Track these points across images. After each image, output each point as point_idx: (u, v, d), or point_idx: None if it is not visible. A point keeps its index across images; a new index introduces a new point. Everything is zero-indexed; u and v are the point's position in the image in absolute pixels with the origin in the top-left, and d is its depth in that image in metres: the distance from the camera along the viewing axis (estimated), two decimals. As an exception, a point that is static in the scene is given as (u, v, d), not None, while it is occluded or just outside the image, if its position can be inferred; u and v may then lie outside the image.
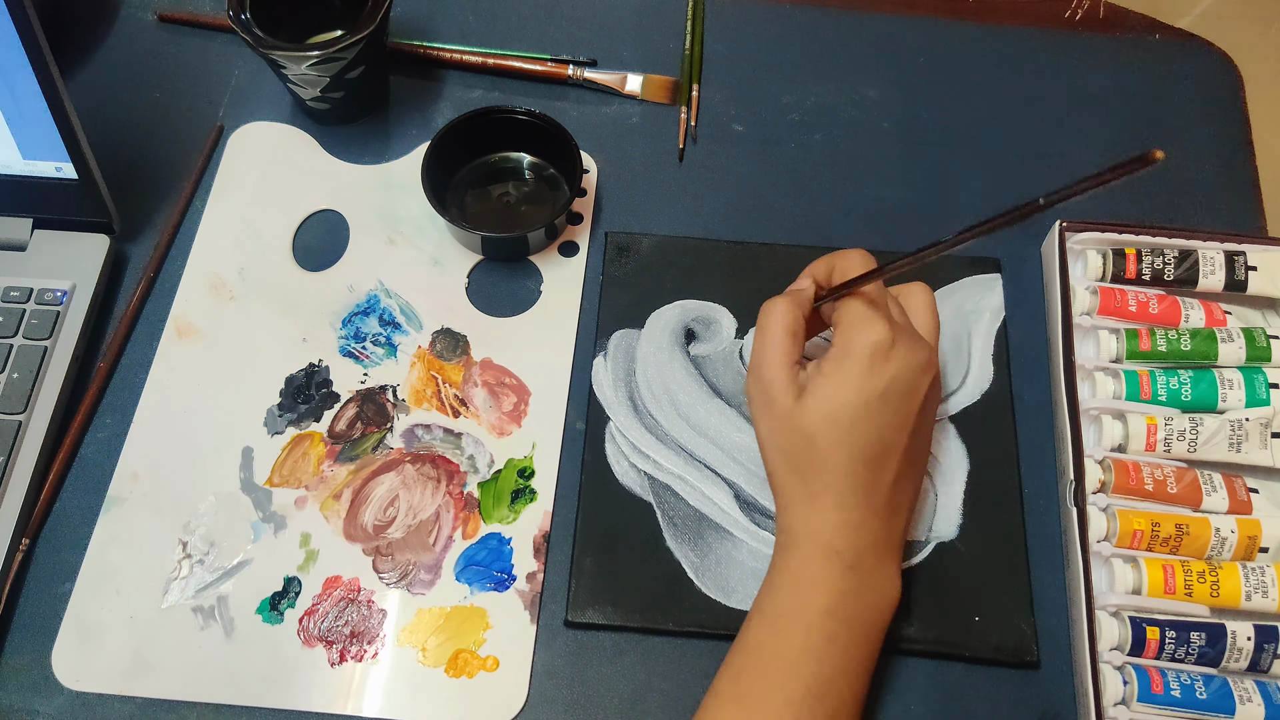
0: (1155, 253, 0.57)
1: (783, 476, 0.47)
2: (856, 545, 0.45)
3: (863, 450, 0.45)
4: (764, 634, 0.45)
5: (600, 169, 0.64)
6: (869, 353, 0.44)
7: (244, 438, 0.55)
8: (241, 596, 0.52)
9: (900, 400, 0.45)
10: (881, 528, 0.46)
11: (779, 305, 0.48)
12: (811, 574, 0.45)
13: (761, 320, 0.48)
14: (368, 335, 0.58)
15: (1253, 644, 0.48)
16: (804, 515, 0.46)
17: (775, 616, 0.45)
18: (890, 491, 0.46)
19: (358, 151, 0.65)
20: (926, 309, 0.49)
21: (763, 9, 0.71)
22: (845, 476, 0.45)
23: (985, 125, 0.66)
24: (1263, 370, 0.54)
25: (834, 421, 0.44)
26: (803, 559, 0.45)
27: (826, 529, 0.45)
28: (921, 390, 0.46)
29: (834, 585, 0.45)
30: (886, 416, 0.45)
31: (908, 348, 0.45)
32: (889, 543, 0.47)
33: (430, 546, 0.53)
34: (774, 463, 0.47)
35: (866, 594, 0.45)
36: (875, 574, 0.46)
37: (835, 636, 0.44)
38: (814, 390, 0.45)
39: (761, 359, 0.47)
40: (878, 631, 0.46)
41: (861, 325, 0.45)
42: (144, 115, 0.65)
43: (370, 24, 0.58)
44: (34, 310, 0.57)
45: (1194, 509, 0.51)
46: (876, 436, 0.45)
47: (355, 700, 0.50)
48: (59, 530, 0.53)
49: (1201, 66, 0.69)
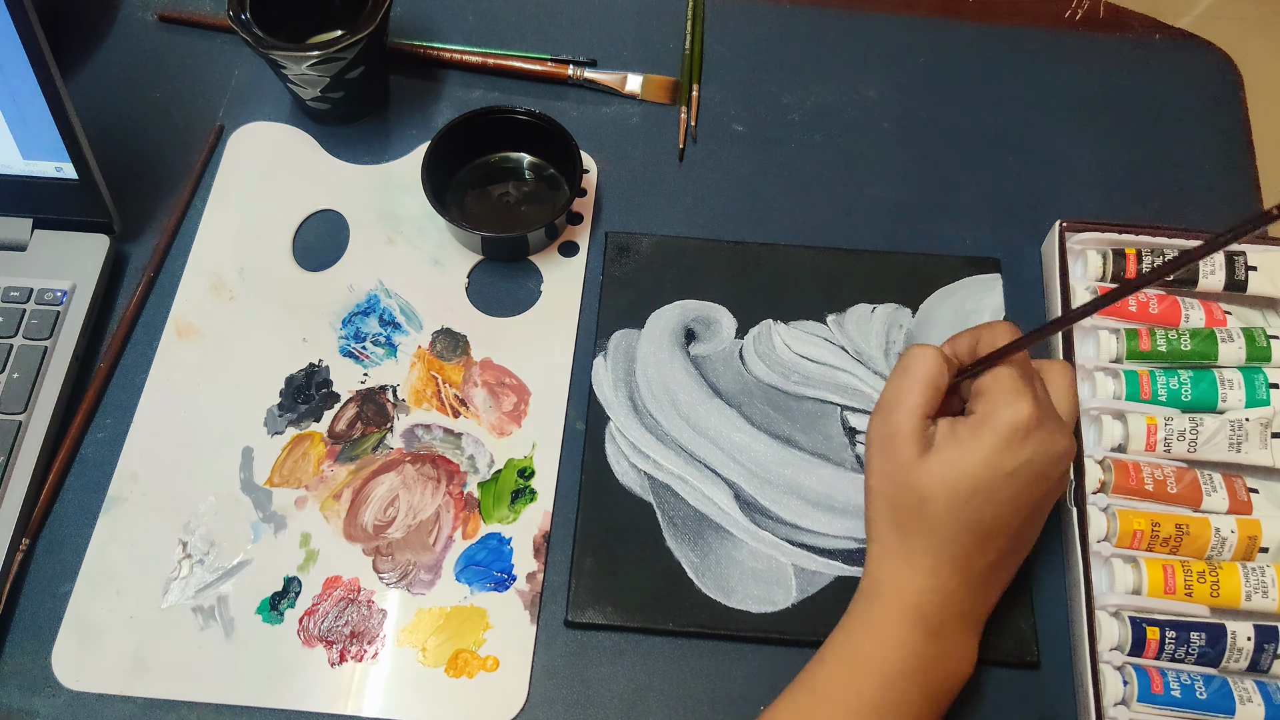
0: (1155, 253, 0.57)
1: (883, 526, 0.46)
2: (943, 613, 0.44)
3: (974, 525, 0.43)
4: (837, 681, 0.44)
5: (600, 169, 0.64)
6: (1009, 428, 0.43)
7: (244, 438, 0.55)
8: (241, 596, 0.52)
9: (1027, 483, 0.44)
10: (971, 600, 0.45)
11: (929, 353, 0.45)
12: (893, 631, 0.44)
13: (905, 362, 0.46)
14: (368, 335, 0.58)
15: (1253, 644, 0.48)
16: (895, 570, 0.45)
17: (852, 666, 0.44)
18: (990, 568, 0.45)
19: (358, 151, 0.65)
20: (1068, 390, 0.48)
21: (763, 9, 0.71)
22: (948, 544, 0.44)
23: (985, 125, 0.66)
24: (1263, 370, 0.54)
25: (953, 489, 0.43)
26: (886, 614, 0.44)
27: (916, 590, 0.44)
28: (1053, 478, 0.45)
29: (915, 649, 0.44)
30: (1007, 497, 0.43)
31: (1048, 432, 0.44)
32: (975, 616, 0.46)
33: (430, 546, 0.53)
34: (876, 508, 0.46)
35: (945, 662, 0.45)
36: (957, 644, 0.45)
37: (908, 700, 0.43)
38: (941, 451, 0.44)
39: (896, 401, 0.45)
40: (947, 700, 0.45)
41: (1007, 399, 0.43)
42: (144, 115, 0.65)
43: (370, 24, 0.58)
44: (34, 310, 0.57)
45: (1194, 509, 0.51)
46: (992, 515, 0.43)
47: (355, 700, 0.50)
48: (59, 530, 0.53)
49: (1201, 66, 0.69)
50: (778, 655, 0.51)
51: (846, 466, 0.55)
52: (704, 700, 0.50)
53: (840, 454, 0.55)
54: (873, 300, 0.59)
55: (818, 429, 0.56)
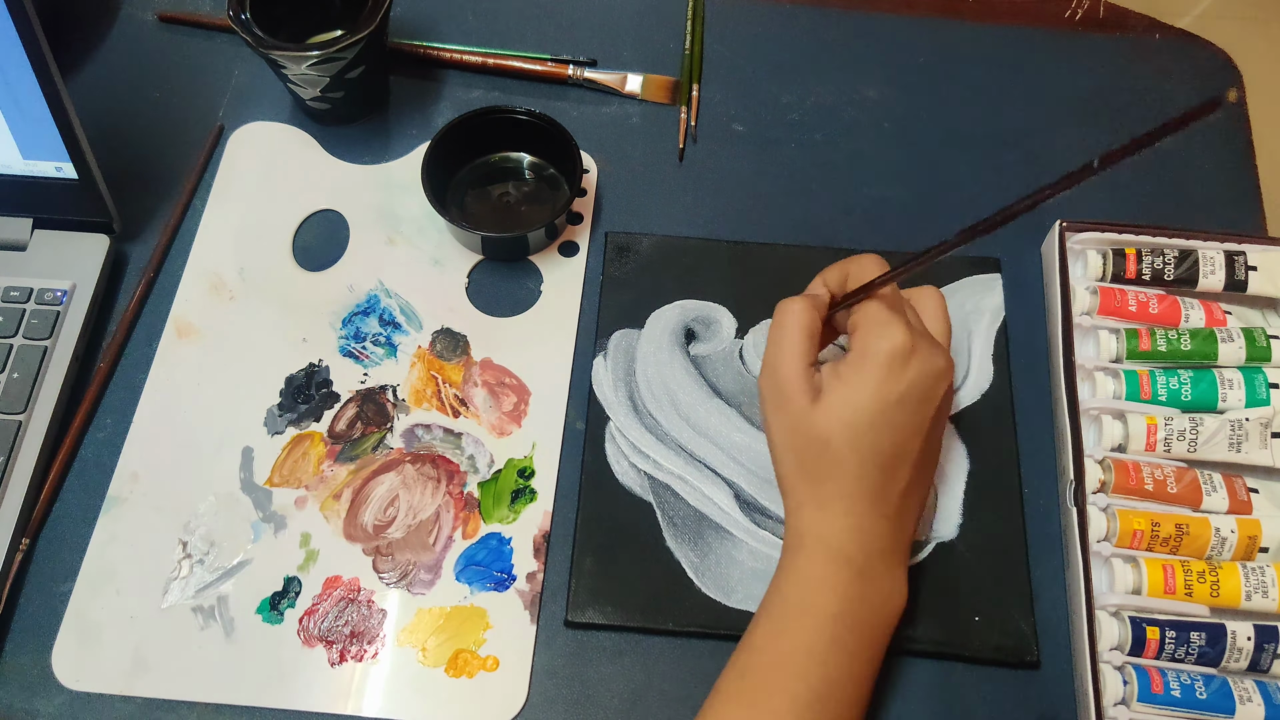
0: (1155, 253, 0.57)
1: (793, 478, 0.47)
2: (866, 550, 0.45)
3: (877, 456, 0.44)
4: (770, 634, 0.45)
5: (600, 169, 0.64)
6: (887, 358, 0.44)
7: (244, 438, 0.55)
8: (241, 596, 0.52)
9: (916, 406, 0.45)
10: (891, 533, 0.46)
11: (797, 305, 0.47)
12: (819, 577, 0.45)
13: (778, 318, 0.47)
14: (368, 335, 0.58)
15: (1253, 644, 0.48)
16: (813, 518, 0.46)
17: (782, 618, 0.45)
18: (901, 497, 0.46)
19: (358, 151, 0.65)
20: (939, 312, 0.49)
21: (763, 9, 0.71)
22: (857, 481, 0.45)
23: (985, 125, 0.66)
24: (1263, 370, 0.54)
25: (849, 425, 0.44)
26: (811, 561, 0.45)
27: (836, 533, 0.45)
28: (937, 397, 0.45)
29: (842, 590, 0.44)
30: (902, 422, 0.45)
31: (926, 354, 0.45)
32: (897, 548, 0.47)
33: (430, 546, 0.53)
34: (784, 463, 0.47)
35: (874, 599, 0.45)
36: (884, 579, 0.46)
37: (842, 640, 0.44)
38: (830, 393, 0.45)
39: (778, 358, 0.47)
40: (883, 637, 0.46)
41: (880, 330, 0.44)
42: (144, 115, 0.65)
43: (370, 24, 0.58)
44: (34, 310, 0.57)
45: (1194, 509, 0.51)
46: (891, 442, 0.44)
47: (355, 700, 0.50)
48: (59, 530, 0.53)
49: (1201, 66, 0.69)
50: (778, 655, 0.51)
51: (846, 466, 0.55)
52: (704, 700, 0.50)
53: (840, 454, 0.55)
54: (873, 300, 0.59)
55: (818, 429, 0.56)
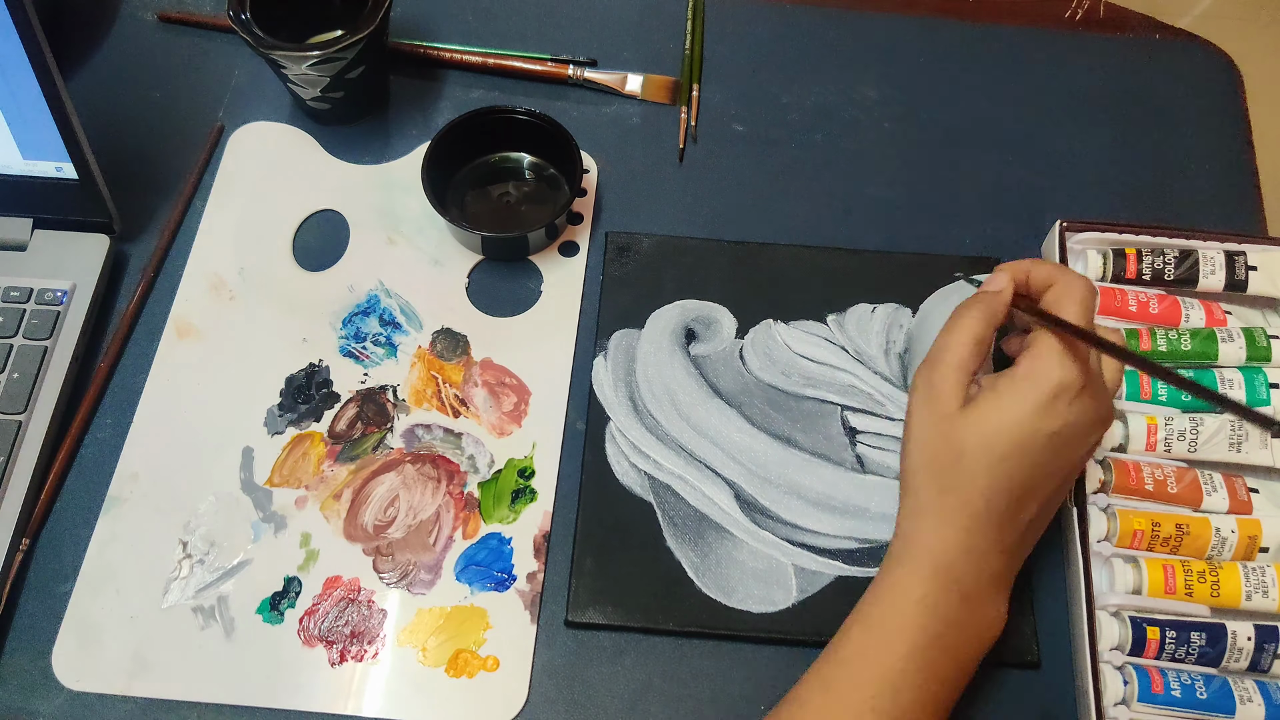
0: (1155, 253, 0.57)
1: (919, 480, 0.45)
2: (977, 576, 0.43)
3: (1009, 484, 0.42)
4: (862, 649, 0.43)
5: (600, 169, 0.64)
6: (1054, 390, 0.41)
7: (244, 438, 0.55)
8: (242, 596, 0.52)
9: (1064, 448, 0.43)
10: (1003, 564, 0.44)
11: (976, 310, 0.45)
12: (924, 595, 0.43)
13: (956, 316, 0.45)
14: (368, 335, 0.58)
15: (1253, 644, 0.48)
16: (929, 528, 0.44)
17: (881, 631, 0.43)
18: (1023, 532, 0.44)
19: (358, 151, 0.65)
20: (1114, 364, 0.46)
21: (763, 9, 0.71)
22: (984, 504, 0.43)
23: (985, 125, 0.66)
24: (1263, 370, 0.54)
25: (988, 447, 0.42)
26: (918, 577, 0.43)
27: (950, 551, 0.43)
28: (1088, 444, 0.44)
29: (945, 613, 0.43)
30: (1045, 459, 0.42)
31: (1092, 397, 0.42)
32: (1005, 579, 0.45)
33: (430, 546, 0.53)
34: (914, 461, 0.45)
35: (974, 627, 0.44)
36: (987, 607, 0.44)
37: (936, 665, 0.42)
38: (981, 406, 0.43)
39: (941, 355, 0.44)
40: (974, 665, 0.45)
41: (1057, 359, 0.42)
42: (144, 115, 0.65)
43: (370, 24, 0.58)
44: (34, 310, 0.57)
45: (1194, 509, 0.51)
46: (1028, 476, 0.42)
47: (355, 700, 0.50)
48: (59, 530, 0.53)
49: (1201, 66, 0.69)
50: (778, 655, 0.51)
51: (847, 466, 0.55)
52: (704, 700, 0.50)
53: (840, 454, 0.55)
54: (873, 300, 0.59)
55: (818, 429, 0.56)
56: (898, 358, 0.57)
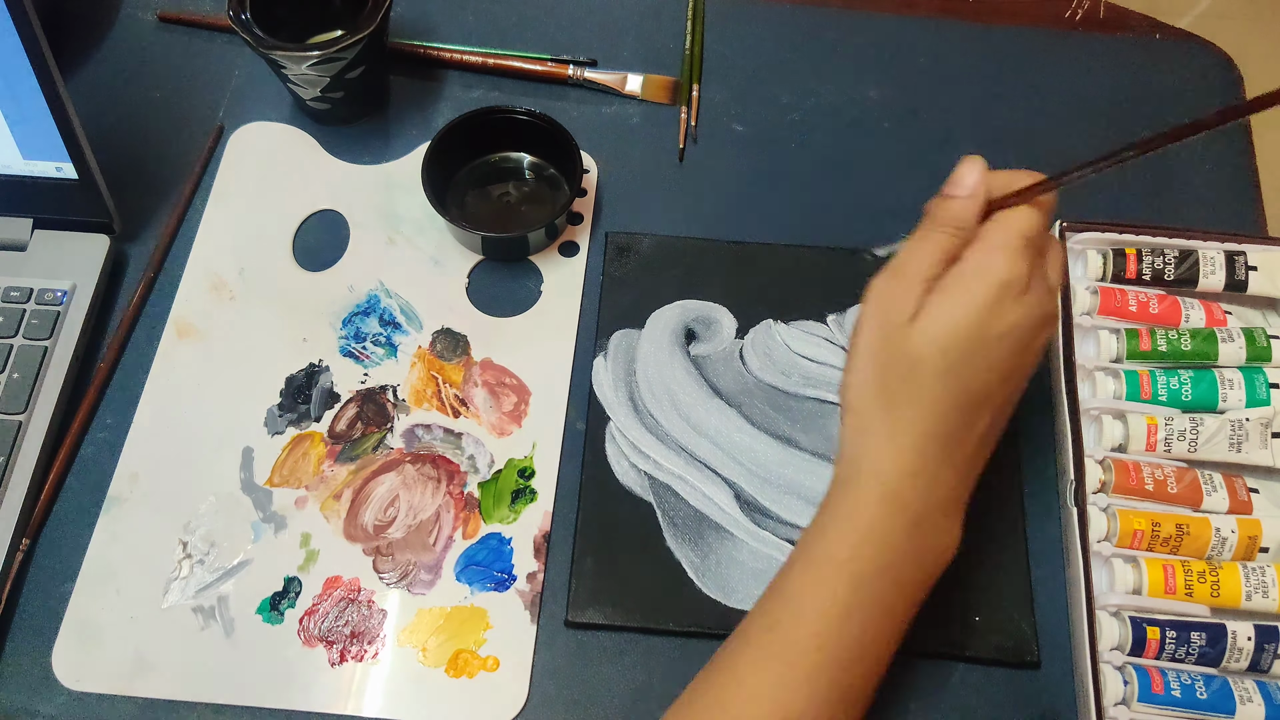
0: (1155, 253, 0.57)
1: (866, 396, 0.42)
2: (926, 499, 0.41)
3: (963, 390, 0.40)
4: (808, 583, 0.41)
5: (600, 169, 0.64)
6: (1000, 285, 0.39)
7: (244, 438, 0.55)
8: (242, 596, 0.52)
9: (1015, 349, 0.40)
10: (955, 483, 0.42)
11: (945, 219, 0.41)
12: (869, 523, 0.40)
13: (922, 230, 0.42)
14: (368, 335, 0.58)
15: (1253, 644, 0.48)
16: (877, 448, 0.41)
17: (823, 565, 0.41)
18: (975, 447, 0.42)
19: (358, 151, 0.65)
20: (1058, 262, 0.43)
21: (763, 9, 0.71)
22: (936, 417, 0.40)
23: (985, 125, 0.66)
24: (1263, 370, 0.54)
25: (944, 351, 0.39)
26: (863, 502, 0.41)
27: (897, 473, 0.41)
28: (1036, 347, 0.41)
29: (893, 541, 0.40)
30: (996, 362, 0.40)
31: (1040, 295, 0.40)
32: (958, 499, 0.42)
33: (430, 546, 0.53)
34: (860, 374, 0.42)
35: (925, 554, 0.41)
36: (939, 532, 0.42)
37: (885, 597, 0.40)
38: (930, 310, 0.40)
39: (904, 265, 0.41)
40: (925, 592, 0.42)
41: (1000, 252, 0.39)
42: (144, 115, 0.65)
43: (370, 24, 0.58)
44: (34, 310, 0.57)
45: (1194, 509, 0.51)
46: (981, 382, 0.40)
47: (355, 700, 0.50)
48: (59, 530, 0.53)
49: (1201, 66, 0.69)
50: (778, 655, 0.51)
51: (847, 466, 0.55)
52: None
53: (840, 454, 0.55)
54: (873, 300, 0.59)
55: (818, 429, 0.56)
56: None
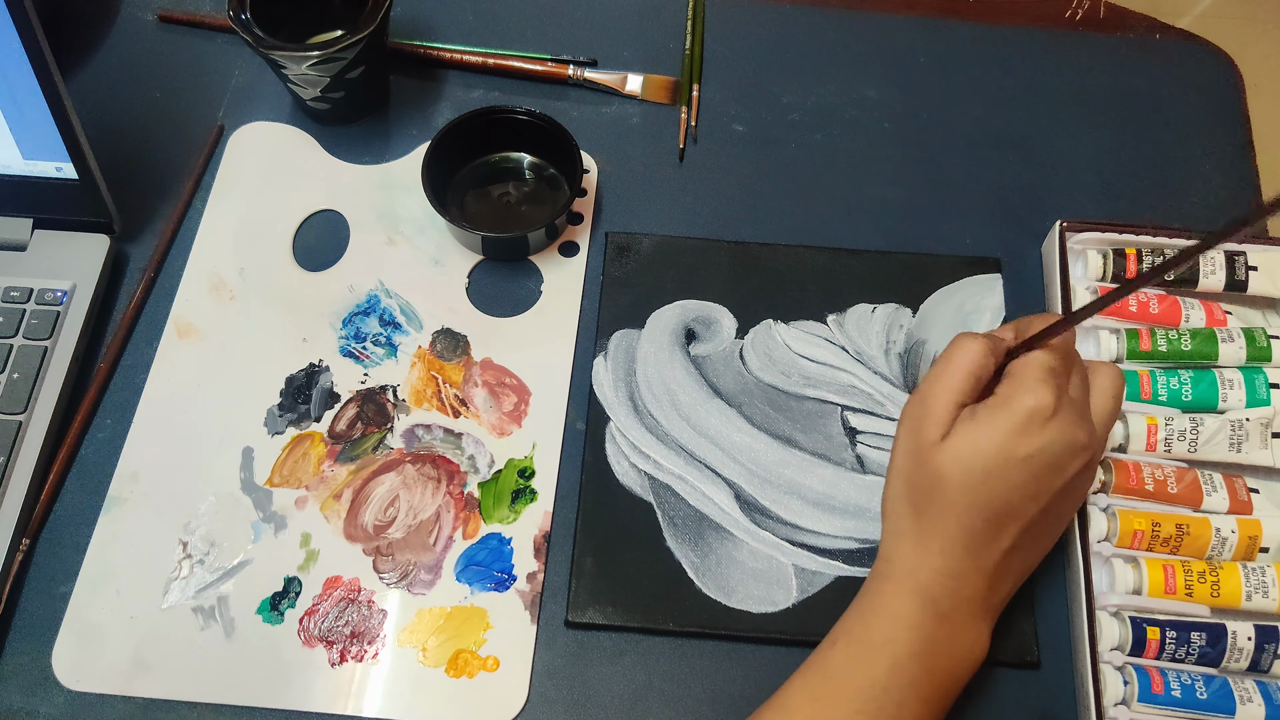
0: (1155, 253, 0.57)
1: (899, 505, 0.46)
2: (954, 597, 0.44)
3: (986, 507, 0.43)
4: (848, 660, 0.44)
5: (600, 169, 0.64)
6: (1026, 414, 0.43)
7: (244, 438, 0.55)
8: (242, 596, 0.52)
9: (1041, 471, 0.43)
10: (983, 587, 0.45)
11: (974, 344, 0.45)
12: (903, 612, 0.44)
13: (950, 350, 0.46)
14: (368, 335, 0.58)
15: (1253, 644, 0.48)
16: (907, 551, 0.45)
17: (863, 646, 0.44)
18: (1004, 556, 0.45)
19: (358, 151, 0.65)
20: (1108, 394, 0.47)
21: (763, 9, 0.71)
22: (960, 527, 0.44)
23: (985, 125, 0.66)
24: (1263, 370, 0.54)
25: (967, 470, 0.43)
26: (897, 594, 0.45)
27: (926, 572, 0.44)
28: (1068, 470, 0.44)
29: (925, 631, 0.44)
30: (1021, 482, 0.43)
31: (1068, 423, 0.43)
32: (987, 603, 0.46)
33: (430, 546, 0.53)
34: (895, 487, 0.46)
35: (954, 648, 0.44)
36: (966, 630, 0.45)
37: (918, 683, 0.43)
38: (959, 433, 0.44)
39: (933, 386, 0.45)
40: (956, 688, 0.45)
41: (1029, 385, 0.43)
42: (144, 115, 0.65)
43: (370, 24, 0.58)
44: (34, 310, 0.57)
45: (1194, 509, 0.51)
46: (1005, 500, 0.43)
47: (355, 700, 0.50)
48: (59, 530, 0.53)
49: (1201, 66, 0.69)
50: (778, 655, 0.51)
51: (847, 466, 0.55)
52: (704, 700, 0.50)
53: (840, 454, 0.55)
54: (873, 300, 0.59)
55: (818, 429, 0.56)
56: (898, 358, 0.57)
